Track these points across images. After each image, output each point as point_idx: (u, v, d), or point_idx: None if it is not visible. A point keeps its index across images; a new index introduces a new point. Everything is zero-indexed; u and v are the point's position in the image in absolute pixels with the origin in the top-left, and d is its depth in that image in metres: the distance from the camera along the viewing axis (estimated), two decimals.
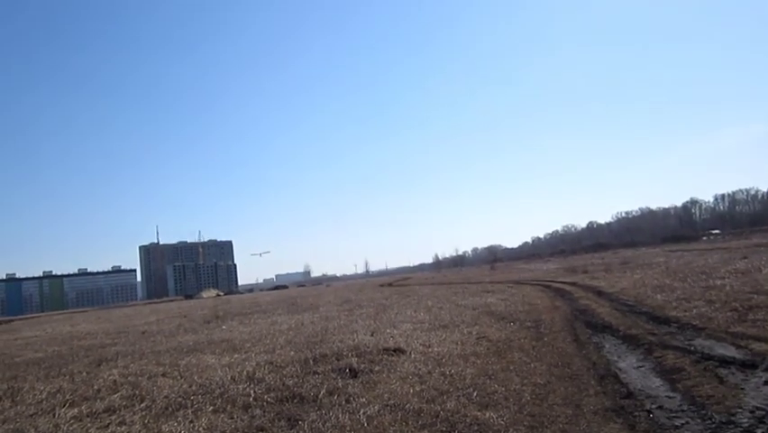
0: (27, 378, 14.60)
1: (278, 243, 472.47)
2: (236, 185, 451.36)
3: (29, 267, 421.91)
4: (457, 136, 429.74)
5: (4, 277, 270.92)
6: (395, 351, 13.30)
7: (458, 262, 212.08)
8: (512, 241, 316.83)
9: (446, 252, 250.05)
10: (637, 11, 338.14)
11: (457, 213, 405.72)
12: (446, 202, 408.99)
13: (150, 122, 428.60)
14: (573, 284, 32.18)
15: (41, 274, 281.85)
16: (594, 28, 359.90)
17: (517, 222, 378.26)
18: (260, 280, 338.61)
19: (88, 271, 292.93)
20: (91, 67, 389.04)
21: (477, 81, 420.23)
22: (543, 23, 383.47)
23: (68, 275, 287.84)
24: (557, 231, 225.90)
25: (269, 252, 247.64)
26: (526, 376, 10.20)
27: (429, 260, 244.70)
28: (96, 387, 12.03)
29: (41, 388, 12.56)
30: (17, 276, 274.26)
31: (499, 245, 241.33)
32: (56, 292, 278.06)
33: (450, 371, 10.84)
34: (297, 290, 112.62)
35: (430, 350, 13.39)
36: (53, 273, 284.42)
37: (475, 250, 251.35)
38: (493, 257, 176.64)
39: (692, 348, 11.01)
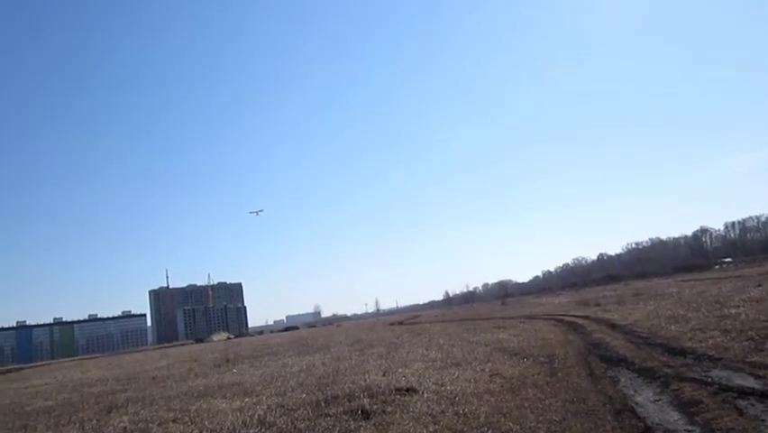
0: (37, 427, 14.50)
1: (287, 283, 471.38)
2: (244, 226, 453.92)
3: (40, 314, 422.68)
4: (464, 172, 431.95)
5: (15, 324, 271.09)
6: (407, 391, 13.14)
7: (469, 298, 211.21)
8: (523, 275, 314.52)
9: (457, 288, 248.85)
10: (640, 40, 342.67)
11: (467, 249, 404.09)
12: (456, 238, 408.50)
13: (155, 165, 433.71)
14: (586, 317, 31.86)
15: (52, 321, 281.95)
16: (599, 55, 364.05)
17: (527, 256, 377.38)
18: (271, 322, 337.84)
19: (99, 316, 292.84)
20: (93, 110, 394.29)
21: (481, 115, 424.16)
22: (543, 49, 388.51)
23: (79, 321, 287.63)
24: (567, 264, 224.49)
25: (263, 210, 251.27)
26: (541, 413, 10.02)
27: (440, 297, 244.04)
28: None
29: None
30: (27, 323, 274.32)
31: (510, 280, 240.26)
32: (66, 339, 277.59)
33: (463, 409, 10.67)
34: (307, 331, 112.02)
35: (443, 389, 13.21)
36: (63, 320, 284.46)
37: (486, 285, 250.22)
38: (504, 292, 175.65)
39: (710, 379, 10.81)
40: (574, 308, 45.59)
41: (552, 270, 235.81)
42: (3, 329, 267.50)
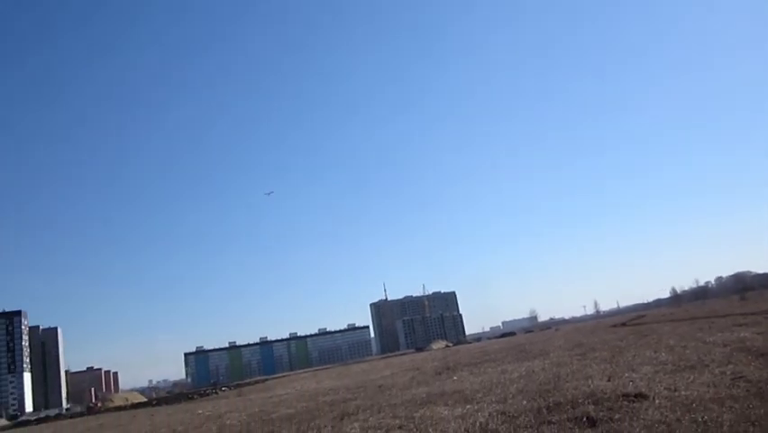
0: (281, 432, 15.94)
1: (502, 290, 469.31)
2: (455, 235, 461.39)
3: (277, 330, 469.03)
4: (688, 154, 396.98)
5: (259, 340, 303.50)
6: (636, 396, 12.28)
7: (700, 294, 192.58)
8: (764, 265, 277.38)
9: (685, 284, 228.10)
10: None
11: (694, 238, 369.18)
12: (680, 227, 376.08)
13: (367, 191, 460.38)
14: None
15: (288, 336, 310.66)
16: None
17: None
18: (487, 329, 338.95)
19: (328, 330, 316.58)
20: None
21: None
22: None
23: (311, 335, 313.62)
24: None
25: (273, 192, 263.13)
26: None
27: (666, 294, 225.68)
28: None
29: None
30: (269, 339, 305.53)
31: (748, 272, 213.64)
32: (301, 352, 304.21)
33: (702, 417, 9.68)
34: (524, 337, 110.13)
35: (676, 394, 12.14)
36: (298, 335, 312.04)
37: (719, 279, 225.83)
38: (742, 285, 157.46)
39: None
40: None
41: None
42: (249, 345, 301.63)
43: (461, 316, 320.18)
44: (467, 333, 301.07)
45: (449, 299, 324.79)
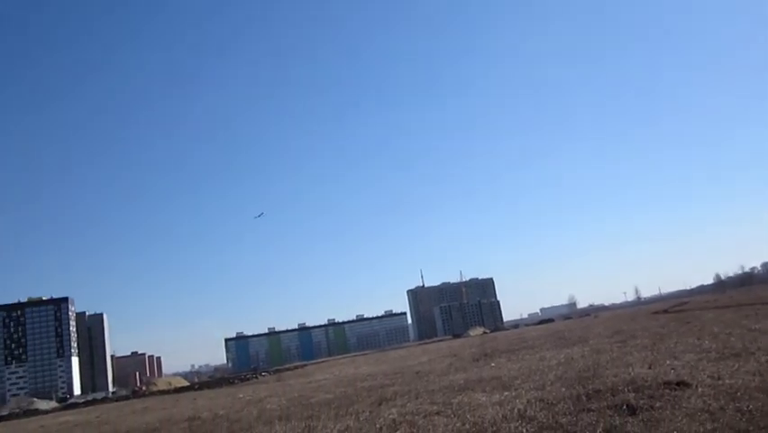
0: (320, 417, 16.15)
1: (540, 276, 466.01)
2: (491, 222, 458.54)
3: (315, 316, 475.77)
4: (732, 138, 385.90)
5: (297, 327, 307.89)
6: (678, 384, 12.09)
7: (745, 280, 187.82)
8: None
9: (729, 270, 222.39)
10: None
11: (740, 223, 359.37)
12: (725, 212, 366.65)
13: (412, 177, 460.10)
14: None
15: (326, 322, 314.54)
16: None
17: None
18: (525, 315, 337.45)
19: (365, 316, 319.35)
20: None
21: None
22: None
23: (349, 322, 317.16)
24: None
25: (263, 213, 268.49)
26: None
27: (709, 280, 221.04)
28: (377, 426, 12.83)
29: (332, 426, 13.80)
30: (307, 325, 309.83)
31: None
32: (339, 338, 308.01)
33: (748, 406, 9.47)
34: (563, 323, 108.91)
35: (720, 383, 11.90)
36: (336, 321, 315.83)
37: (765, 265, 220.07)
38: None
39: None
40: None
41: None
42: (288, 331, 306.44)
43: (498, 302, 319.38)
44: (504, 319, 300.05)
45: (486, 286, 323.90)
